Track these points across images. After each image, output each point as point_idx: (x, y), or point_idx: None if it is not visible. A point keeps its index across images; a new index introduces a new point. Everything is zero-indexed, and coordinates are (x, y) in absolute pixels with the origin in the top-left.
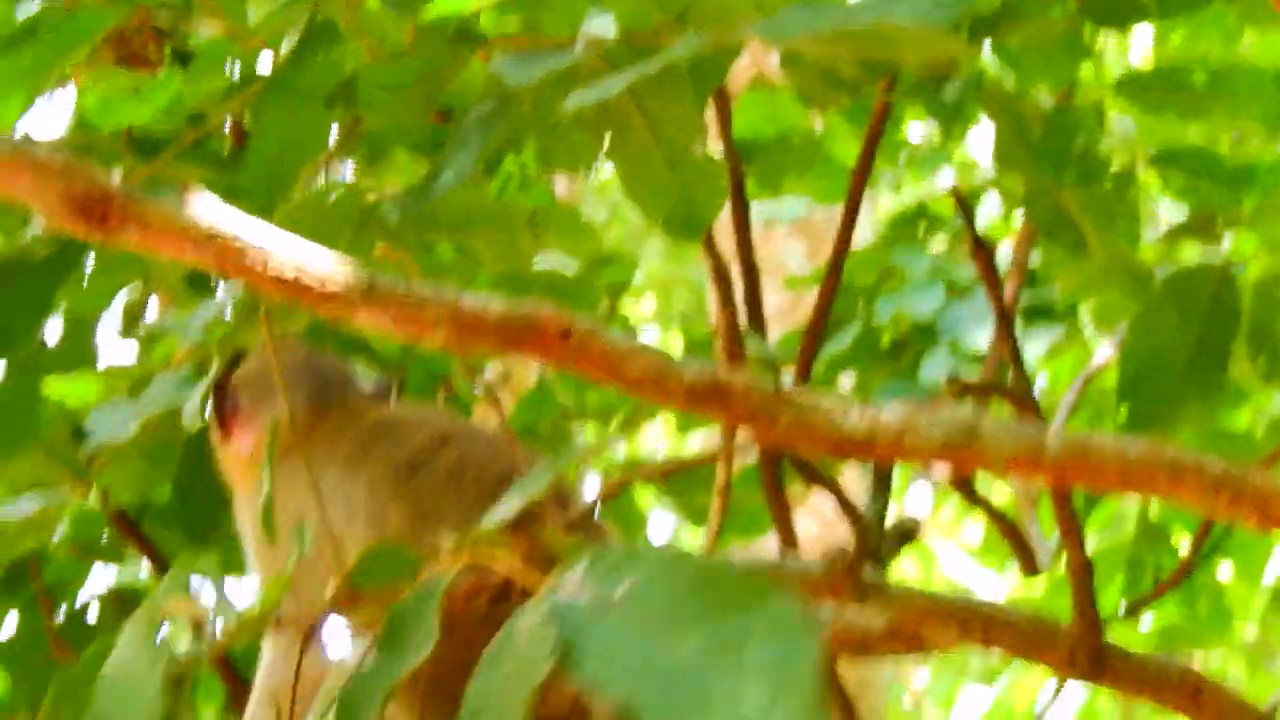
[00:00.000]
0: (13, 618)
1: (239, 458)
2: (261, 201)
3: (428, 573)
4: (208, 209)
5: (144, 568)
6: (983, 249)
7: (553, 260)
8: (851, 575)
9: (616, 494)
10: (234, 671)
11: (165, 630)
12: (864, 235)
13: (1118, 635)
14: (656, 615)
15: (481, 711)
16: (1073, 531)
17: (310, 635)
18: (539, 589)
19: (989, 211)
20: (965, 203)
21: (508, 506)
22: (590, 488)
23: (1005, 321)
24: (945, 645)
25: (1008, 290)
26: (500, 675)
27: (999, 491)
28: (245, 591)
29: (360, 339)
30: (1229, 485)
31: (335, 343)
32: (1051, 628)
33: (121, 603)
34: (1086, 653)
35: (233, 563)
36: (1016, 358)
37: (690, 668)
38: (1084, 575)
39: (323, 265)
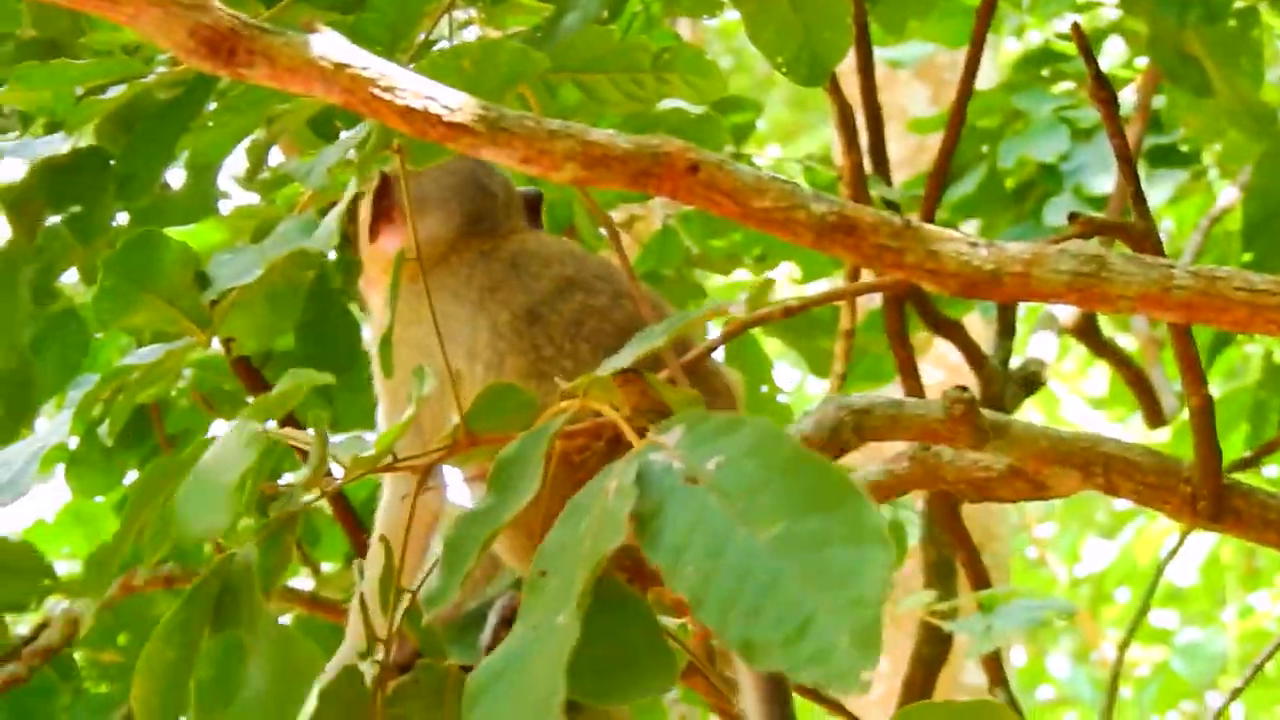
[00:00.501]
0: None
1: (384, 259)
2: (385, 44)
3: (543, 419)
4: (334, 45)
5: None
6: (1106, 91)
7: (677, 103)
8: (970, 418)
9: (737, 335)
10: (356, 521)
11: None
12: (988, 78)
13: None
14: (741, 497)
15: (553, 563)
16: (1194, 368)
17: (427, 476)
18: (632, 434)
19: (1113, 54)
20: (1087, 44)
21: (624, 357)
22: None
23: (1128, 165)
24: (1067, 490)
25: (1131, 134)
26: (578, 530)
27: (1124, 342)
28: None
29: None
30: None
31: None
32: (1174, 468)
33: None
34: (1209, 495)
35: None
36: (1140, 200)
37: (764, 560)
38: (1206, 414)
39: (451, 98)
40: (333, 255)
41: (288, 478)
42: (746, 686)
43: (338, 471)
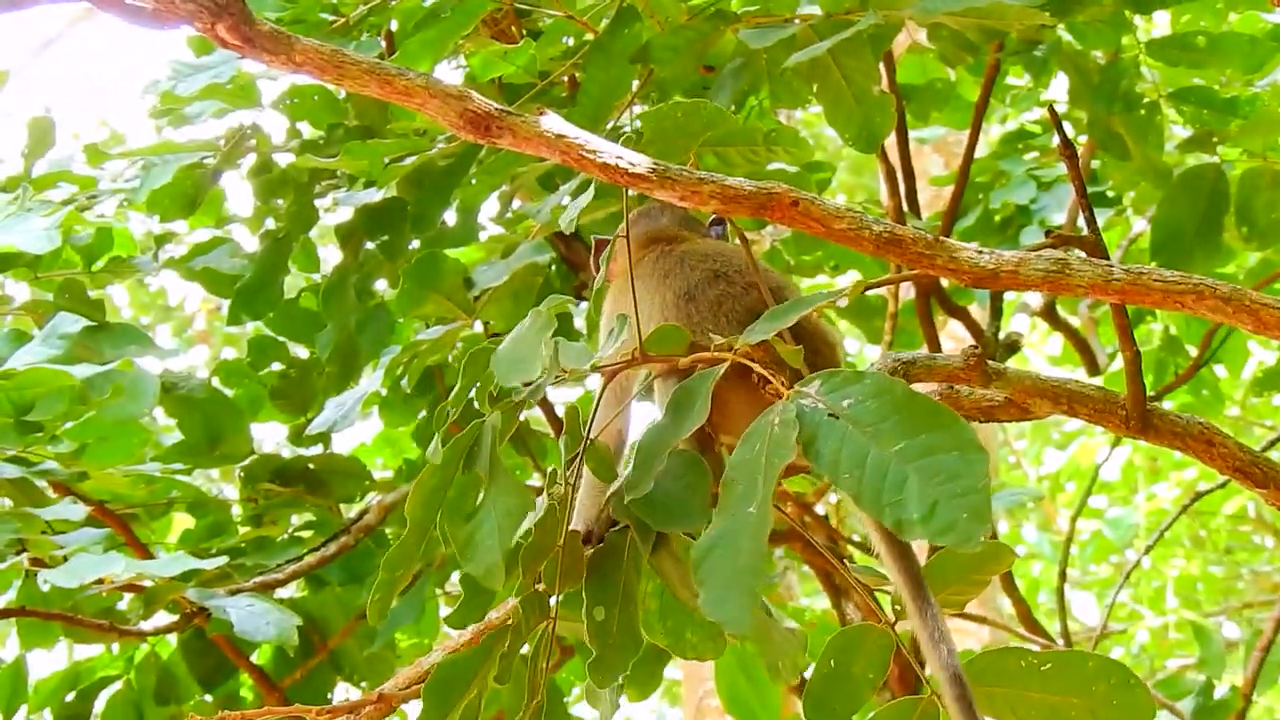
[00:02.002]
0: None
1: (608, 281)
2: (589, 124)
3: (699, 366)
4: (557, 123)
5: None
6: (1069, 150)
7: (780, 165)
8: (980, 366)
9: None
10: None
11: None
12: (983, 150)
13: None
14: (870, 424)
15: (738, 473)
16: (1127, 333)
17: (624, 383)
18: (778, 384)
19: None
20: (1058, 119)
21: (756, 331)
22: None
23: (1084, 199)
24: (1044, 414)
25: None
26: (756, 451)
27: (1073, 321)
28: None
29: None
30: (1235, 299)
31: None
32: (1114, 399)
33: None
34: (1137, 417)
35: None
36: (1092, 222)
37: (894, 465)
38: (1136, 362)
39: (634, 157)
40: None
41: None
42: (881, 550)
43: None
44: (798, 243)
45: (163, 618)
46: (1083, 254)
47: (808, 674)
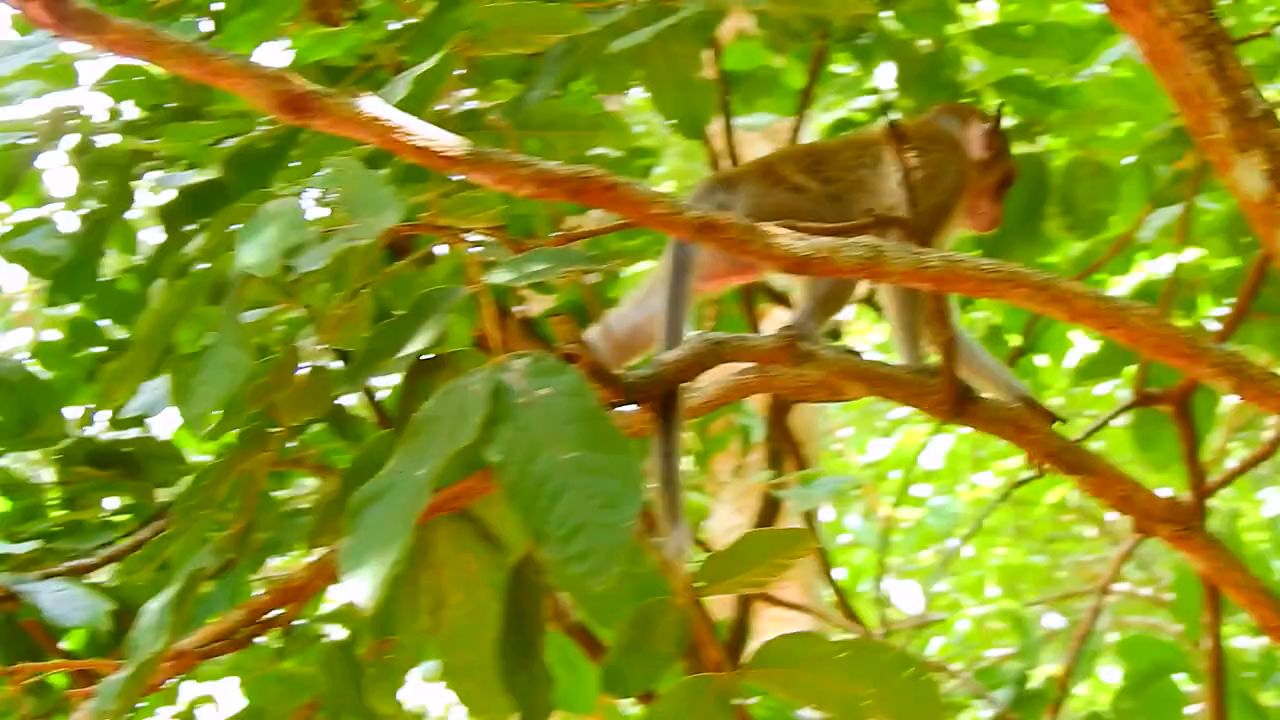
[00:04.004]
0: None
1: None
2: (414, 111)
3: None
4: (372, 104)
5: None
6: (897, 132)
7: (603, 150)
8: (793, 347)
9: None
10: None
11: None
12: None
13: None
14: (556, 424)
15: (423, 428)
16: (943, 317)
17: None
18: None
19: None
20: (887, 104)
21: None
22: None
23: (909, 181)
24: (856, 395)
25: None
26: (445, 411)
27: None
28: None
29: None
30: (1048, 289)
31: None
32: (928, 381)
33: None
34: (949, 399)
35: None
36: (914, 205)
37: (560, 475)
38: (950, 346)
39: (448, 139)
40: None
41: None
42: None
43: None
44: (624, 228)
45: None
46: (906, 235)
47: None
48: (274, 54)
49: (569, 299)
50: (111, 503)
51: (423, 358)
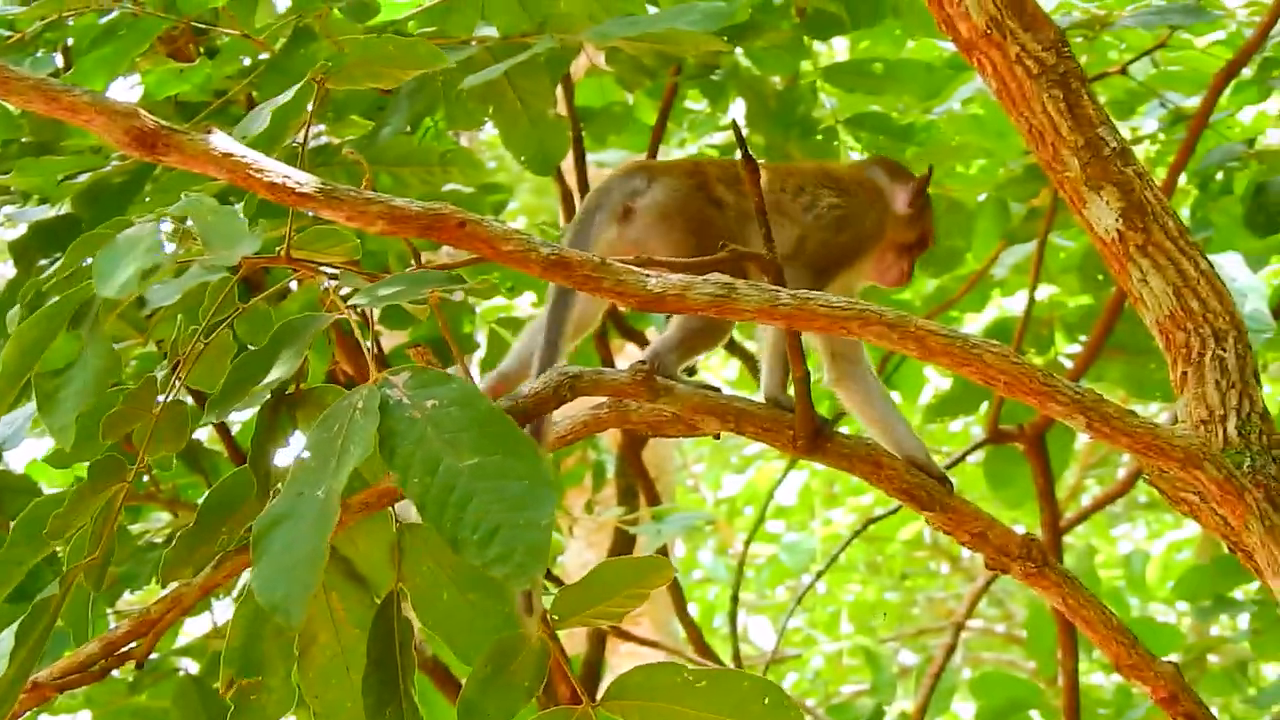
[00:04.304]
0: None
1: None
2: (264, 145)
3: None
4: (224, 141)
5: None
6: (751, 165)
7: (456, 187)
8: (648, 381)
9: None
10: None
11: None
12: None
13: None
14: (449, 432)
15: (315, 450)
16: (797, 353)
17: None
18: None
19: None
20: (741, 135)
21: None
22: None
23: (763, 216)
24: (711, 430)
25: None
26: (335, 432)
27: (750, 345)
28: None
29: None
30: (899, 326)
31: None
32: (782, 417)
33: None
34: (804, 435)
35: None
36: (769, 241)
37: (464, 482)
38: (805, 382)
39: (301, 177)
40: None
41: None
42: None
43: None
44: (475, 266)
45: None
46: (760, 271)
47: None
48: (126, 90)
49: (424, 334)
50: None
51: (280, 393)
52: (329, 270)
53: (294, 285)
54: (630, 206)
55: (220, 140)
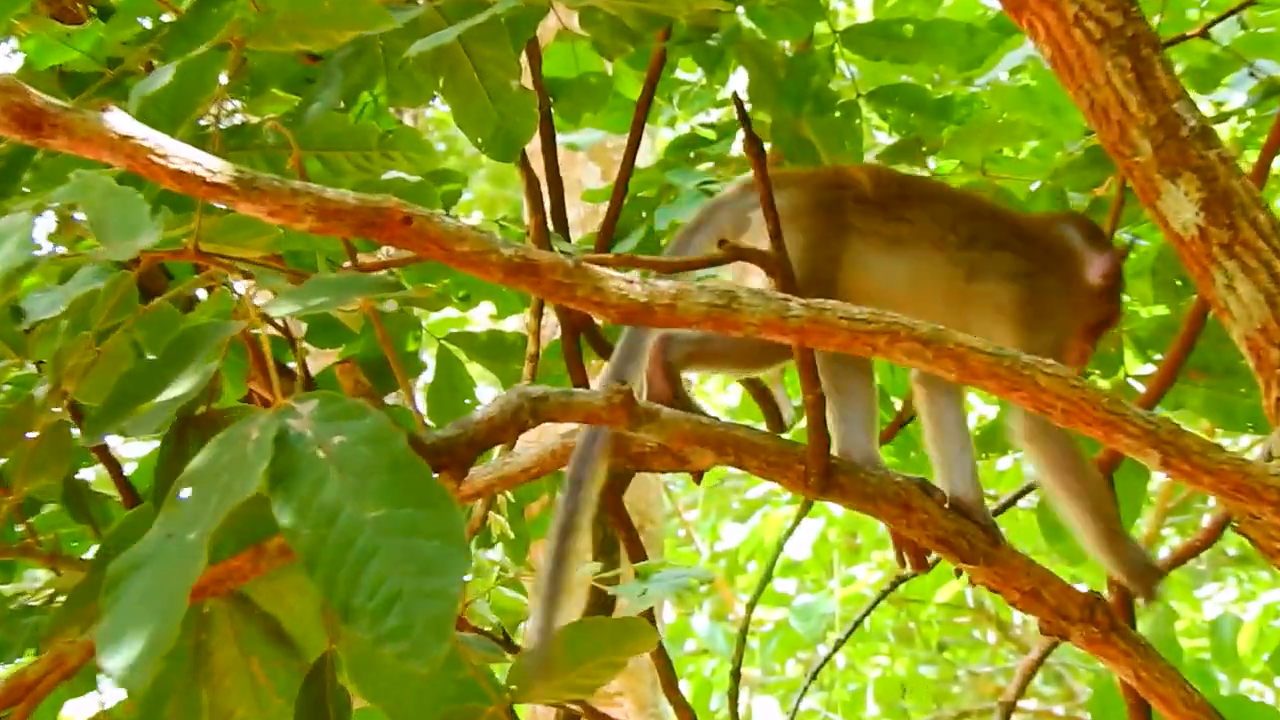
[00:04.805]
0: None
1: None
2: (166, 125)
3: None
4: (121, 121)
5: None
6: (756, 145)
7: (399, 174)
8: (627, 407)
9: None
10: None
11: None
12: (646, 159)
13: None
14: (355, 476)
15: (195, 483)
16: (810, 372)
17: None
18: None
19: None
20: (744, 110)
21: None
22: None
23: (770, 207)
24: (704, 464)
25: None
26: (222, 464)
27: None
28: None
29: None
30: (935, 343)
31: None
32: (791, 450)
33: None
34: (817, 472)
35: None
36: (777, 237)
37: (367, 536)
38: (817, 408)
39: (213, 163)
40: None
41: None
42: None
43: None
44: (420, 267)
45: None
46: (760, 276)
47: None
48: (1, 59)
49: (360, 353)
50: None
51: (187, 415)
52: (245, 268)
53: (203, 295)
54: (745, 225)
55: (117, 120)
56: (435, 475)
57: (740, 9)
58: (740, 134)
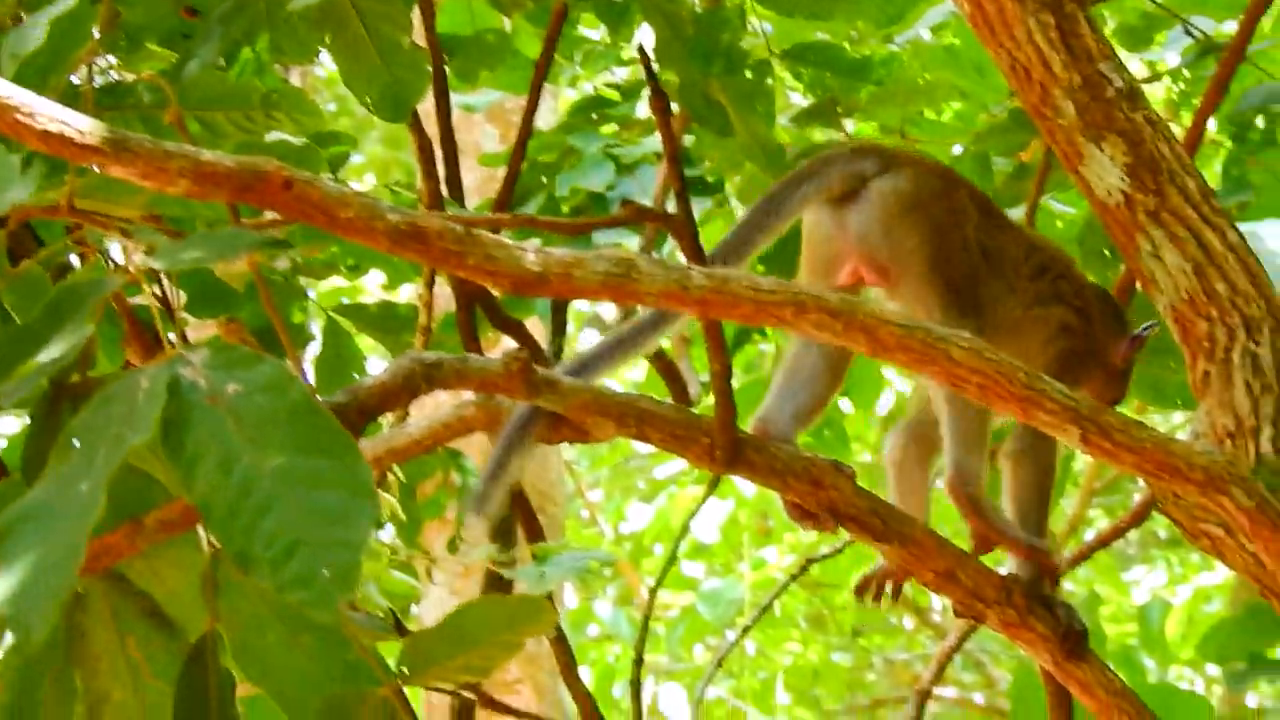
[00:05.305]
0: None
1: None
2: (36, 83)
3: None
4: None
5: None
6: (662, 100)
7: (281, 136)
8: (525, 374)
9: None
10: None
11: None
12: (547, 121)
13: None
14: (252, 426)
15: (82, 435)
16: (717, 340)
17: None
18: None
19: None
20: (650, 63)
21: None
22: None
23: (676, 164)
24: (605, 436)
25: (660, 172)
26: (111, 415)
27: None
28: None
29: None
30: (844, 315)
31: None
32: (696, 422)
33: None
34: (724, 445)
35: None
36: (683, 196)
37: (265, 485)
38: (724, 378)
39: (82, 123)
40: None
41: None
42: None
43: None
44: (305, 235)
45: None
46: (672, 235)
47: None
48: None
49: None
50: None
51: (60, 383)
52: (122, 226)
53: (76, 264)
54: (858, 189)
55: None
56: None
57: None
58: (646, 94)
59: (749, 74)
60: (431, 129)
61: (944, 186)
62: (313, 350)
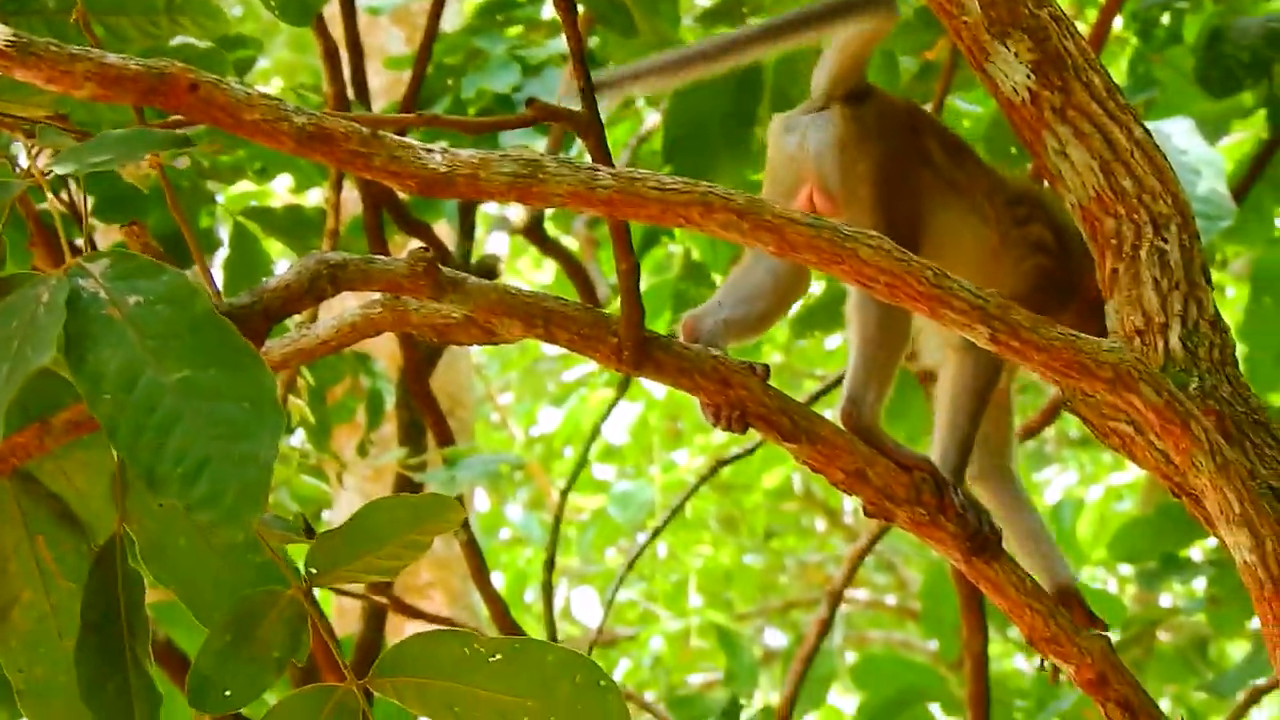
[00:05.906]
0: None
1: None
2: None
3: None
4: None
5: None
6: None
7: (186, 40)
8: (431, 274)
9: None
10: None
11: None
12: (453, 23)
13: None
14: (154, 338)
15: None
16: (623, 239)
17: None
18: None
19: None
20: None
21: None
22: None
23: (581, 63)
24: (513, 337)
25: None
26: (10, 332)
27: (567, 241)
28: None
29: None
30: (751, 214)
31: None
32: (604, 322)
33: None
34: (632, 345)
35: None
36: (588, 95)
37: (168, 400)
38: (631, 276)
39: None
40: None
41: None
42: None
43: None
44: (213, 139)
45: None
46: (578, 135)
47: None
48: None
49: (153, 230)
50: None
51: None
52: (27, 127)
53: None
54: (823, 107)
55: None
56: None
57: None
58: None
59: None
60: (337, 32)
61: (908, 122)
62: (221, 255)
